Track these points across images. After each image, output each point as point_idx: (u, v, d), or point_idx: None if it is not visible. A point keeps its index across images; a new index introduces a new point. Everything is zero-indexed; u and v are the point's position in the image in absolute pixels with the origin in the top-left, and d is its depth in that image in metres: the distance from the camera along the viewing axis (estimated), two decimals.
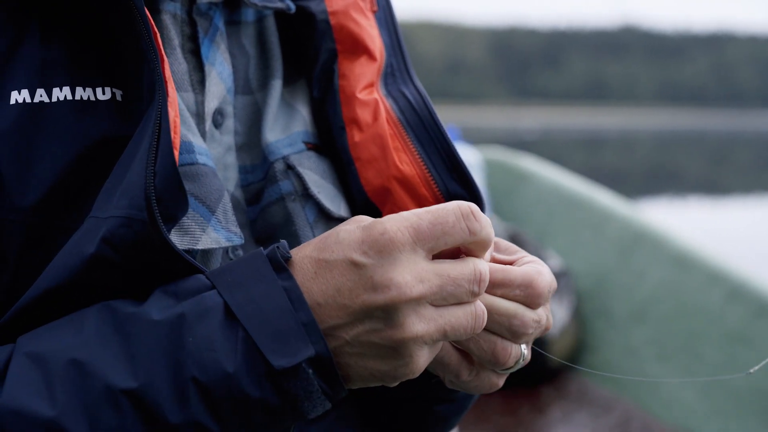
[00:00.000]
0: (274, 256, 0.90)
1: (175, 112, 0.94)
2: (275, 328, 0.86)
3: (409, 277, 0.87)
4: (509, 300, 0.96)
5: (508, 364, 0.98)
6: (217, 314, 0.87)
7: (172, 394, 0.85)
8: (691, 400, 4.09)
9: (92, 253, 0.89)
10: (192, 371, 0.85)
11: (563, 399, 4.49)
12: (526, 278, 0.96)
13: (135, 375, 0.85)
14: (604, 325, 4.73)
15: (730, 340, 4.07)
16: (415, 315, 0.87)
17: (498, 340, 0.97)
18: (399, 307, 0.86)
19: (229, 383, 0.85)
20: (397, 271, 0.87)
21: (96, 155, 0.97)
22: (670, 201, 22.89)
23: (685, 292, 4.38)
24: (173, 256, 0.90)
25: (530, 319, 0.97)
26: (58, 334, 0.89)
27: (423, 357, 0.90)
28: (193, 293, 0.90)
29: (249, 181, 1.14)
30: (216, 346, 0.85)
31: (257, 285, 0.88)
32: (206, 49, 1.11)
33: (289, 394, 0.87)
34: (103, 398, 0.84)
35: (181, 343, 0.86)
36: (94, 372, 0.85)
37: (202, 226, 1.02)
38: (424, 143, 1.14)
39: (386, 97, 1.17)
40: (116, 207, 0.89)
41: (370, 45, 1.18)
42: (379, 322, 0.87)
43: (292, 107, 1.20)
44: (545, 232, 5.31)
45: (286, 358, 0.85)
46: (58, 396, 0.84)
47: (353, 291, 0.87)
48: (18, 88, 0.95)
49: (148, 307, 0.89)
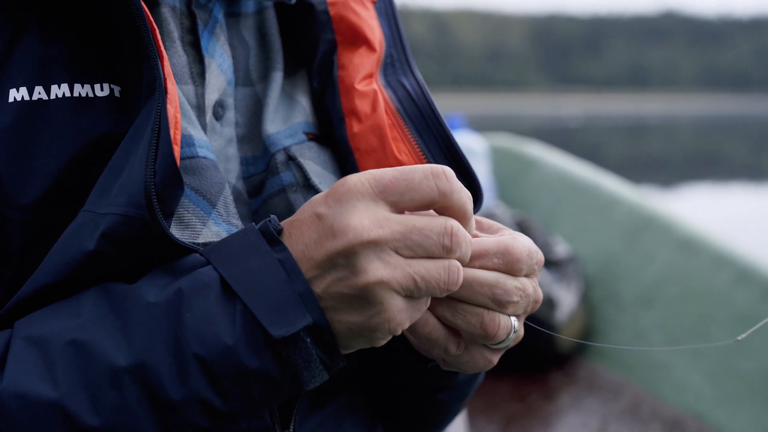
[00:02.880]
0: (267, 230, 0.90)
1: (175, 108, 0.94)
2: (272, 299, 0.87)
3: (366, 222, 0.87)
4: (489, 270, 0.96)
5: (499, 336, 0.98)
6: (214, 288, 0.88)
7: (174, 370, 0.85)
8: (701, 384, 4.06)
9: (92, 249, 0.89)
10: (192, 346, 0.86)
11: (572, 385, 4.47)
12: (501, 245, 0.96)
13: (135, 353, 0.86)
14: (613, 309, 4.71)
15: (739, 323, 4.03)
16: (377, 260, 0.87)
17: (484, 312, 0.96)
18: (358, 251, 0.87)
19: (229, 356, 0.86)
20: (354, 216, 0.87)
21: (95, 152, 0.97)
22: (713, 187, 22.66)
23: (693, 276, 4.35)
24: (176, 251, 0.91)
25: (512, 287, 0.96)
26: (55, 316, 0.89)
27: (396, 306, 0.89)
28: (188, 270, 0.91)
29: (251, 172, 1.14)
30: (214, 319, 0.86)
31: (252, 258, 0.89)
32: (206, 41, 1.11)
33: (289, 363, 0.87)
34: (104, 378, 0.85)
35: (180, 318, 0.86)
36: (94, 352, 0.86)
37: (203, 219, 1.02)
38: (423, 133, 1.14)
39: (385, 87, 1.17)
40: (113, 204, 0.90)
41: (369, 36, 1.19)
42: (344, 270, 0.87)
43: (292, 98, 1.20)
44: (552, 219, 5.29)
45: (284, 328, 0.86)
46: (59, 377, 0.85)
47: (318, 242, 0.88)
48: (16, 86, 0.96)
49: (145, 285, 0.89)
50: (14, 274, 0.96)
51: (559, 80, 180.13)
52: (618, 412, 4.16)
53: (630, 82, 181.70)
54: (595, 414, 4.17)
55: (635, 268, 4.68)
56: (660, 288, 4.51)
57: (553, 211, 5.35)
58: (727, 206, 16.84)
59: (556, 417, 4.24)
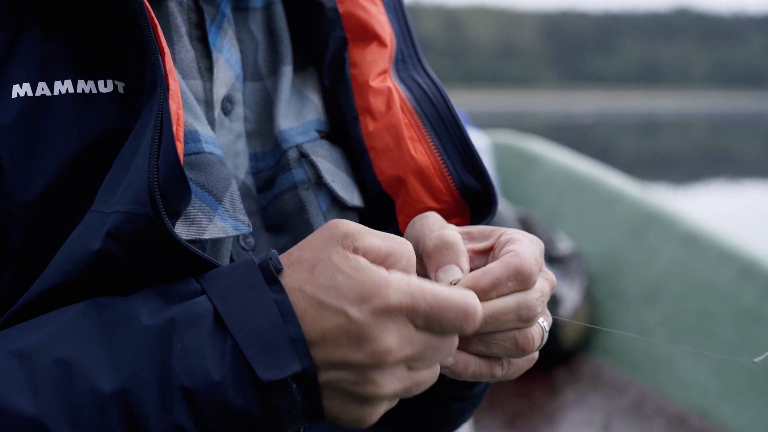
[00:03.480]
0: (267, 267, 0.89)
1: (177, 104, 0.93)
2: (264, 340, 0.86)
3: (394, 343, 0.86)
4: (507, 296, 0.96)
5: (536, 346, 0.98)
6: (207, 321, 0.87)
7: (158, 398, 0.84)
8: (705, 381, 4.06)
9: (97, 248, 0.88)
10: (179, 377, 0.85)
11: (577, 381, 4.47)
12: (511, 268, 0.95)
13: (121, 377, 0.85)
14: (617, 306, 4.71)
15: (743, 319, 4.03)
16: (390, 375, 0.88)
17: (516, 333, 0.97)
18: (378, 367, 0.87)
19: (214, 391, 0.85)
20: (385, 335, 0.86)
21: (98, 148, 0.97)
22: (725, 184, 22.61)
23: (697, 272, 4.34)
24: (180, 250, 0.90)
25: (534, 299, 0.96)
26: (43, 330, 0.88)
27: (382, 410, 0.91)
28: (183, 297, 0.89)
29: (260, 168, 1.13)
30: (204, 353, 0.85)
31: (248, 294, 0.88)
32: (213, 36, 1.11)
33: (272, 406, 0.87)
34: (87, 399, 0.84)
35: (170, 347, 0.86)
36: (79, 372, 0.85)
37: (209, 215, 1.01)
38: (440, 134, 1.13)
39: (399, 84, 1.16)
40: (119, 202, 0.89)
41: (379, 31, 1.18)
42: (356, 375, 0.87)
43: (303, 95, 1.20)
44: (555, 215, 5.28)
45: (273, 371, 0.85)
46: (42, 394, 0.84)
47: (337, 342, 0.87)
48: (19, 82, 0.95)
49: (138, 306, 0.88)
50: (15, 272, 0.96)
51: (571, 77, 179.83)
52: (622, 409, 4.16)
53: (642, 79, 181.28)
54: (599, 410, 4.17)
55: (639, 264, 4.67)
56: (664, 284, 4.50)
57: (557, 208, 5.34)
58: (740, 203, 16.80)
59: (560, 413, 4.24)
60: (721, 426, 3.90)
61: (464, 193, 1.12)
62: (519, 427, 4.07)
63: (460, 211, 1.13)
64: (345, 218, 1.14)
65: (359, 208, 1.18)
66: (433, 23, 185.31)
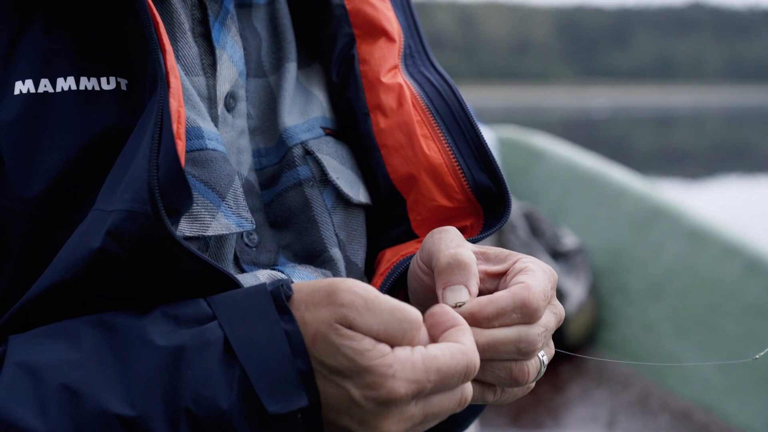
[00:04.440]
0: (278, 295, 0.89)
1: (178, 102, 0.92)
2: (273, 372, 0.86)
3: (396, 426, 0.87)
4: (509, 327, 0.95)
5: (530, 380, 0.98)
6: (217, 348, 0.86)
7: (166, 425, 0.84)
8: (709, 376, 4.05)
9: (98, 247, 0.88)
10: (186, 403, 0.84)
11: (582, 377, 4.47)
12: (518, 300, 0.94)
13: (131, 402, 0.84)
14: (622, 301, 4.70)
15: (749, 314, 4.02)
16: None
17: (512, 364, 0.96)
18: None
19: (221, 419, 0.85)
20: (387, 422, 0.87)
21: (101, 146, 0.96)
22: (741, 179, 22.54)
23: (703, 267, 4.33)
24: (179, 249, 0.89)
25: (535, 335, 0.95)
26: (53, 347, 0.88)
27: None
28: (193, 321, 0.89)
29: (263, 164, 1.13)
30: (212, 381, 0.85)
31: (259, 323, 0.87)
32: (217, 32, 1.10)
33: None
34: (96, 422, 0.84)
35: (179, 374, 0.85)
36: (89, 394, 0.84)
37: (212, 212, 1.01)
38: (453, 132, 1.13)
39: (410, 80, 1.16)
40: (120, 200, 0.88)
41: (387, 27, 1.18)
42: (354, 423, 0.87)
43: (308, 91, 1.20)
44: (560, 210, 5.28)
45: (280, 404, 0.85)
46: (50, 414, 0.84)
47: (340, 412, 0.87)
48: (22, 79, 0.95)
49: (149, 332, 0.88)
50: (15, 269, 0.96)
51: (586, 72, 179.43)
52: (627, 404, 4.16)
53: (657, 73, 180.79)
54: (604, 406, 4.17)
55: (644, 259, 4.67)
56: (669, 279, 4.50)
57: (561, 203, 5.33)
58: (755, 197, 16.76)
59: (565, 409, 4.24)
60: (725, 421, 3.90)
61: (477, 192, 1.11)
62: (524, 422, 4.08)
63: (473, 211, 1.13)
64: (351, 215, 1.15)
65: (366, 205, 1.18)
66: (446, 19, 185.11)
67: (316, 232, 1.12)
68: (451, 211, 1.12)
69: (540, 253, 4.62)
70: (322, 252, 1.12)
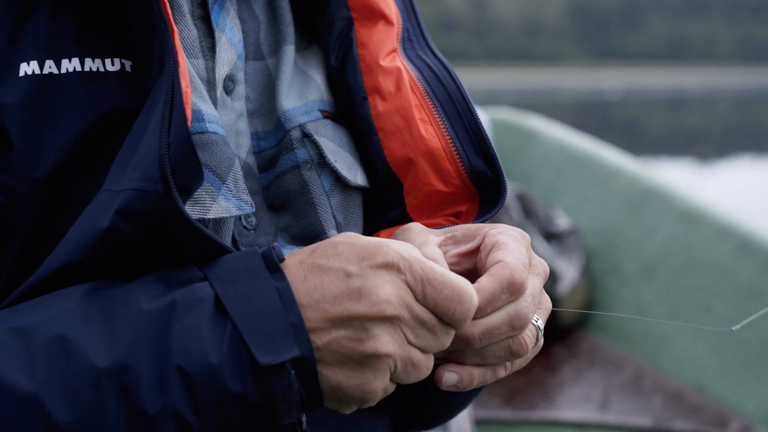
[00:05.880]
0: (269, 256, 0.90)
1: (186, 82, 0.92)
2: (264, 326, 0.86)
3: (393, 297, 0.88)
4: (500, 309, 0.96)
5: (530, 347, 0.99)
6: (208, 305, 0.87)
7: (155, 379, 0.85)
8: (703, 356, 4.05)
9: (106, 227, 0.89)
10: (176, 359, 0.85)
11: (575, 358, 4.46)
12: (504, 281, 0.95)
13: (118, 355, 0.85)
14: (614, 282, 4.69)
15: (741, 294, 4.02)
16: (389, 334, 0.88)
17: (509, 341, 0.98)
18: (378, 319, 0.88)
19: (212, 374, 0.85)
20: (385, 288, 0.88)
21: (106, 126, 0.97)
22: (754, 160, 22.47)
23: (695, 247, 4.32)
24: (189, 228, 0.90)
25: (524, 308, 0.97)
26: (44, 310, 0.89)
27: (384, 381, 0.90)
28: (185, 283, 0.90)
29: (262, 147, 1.14)
30: (203, 336, 0.86)
31: (250, 281, 0.89)
32: (216, 15, 1.11)
33: (269, 392, 0.87)
34: (83, 376, 0.84)
35: (169, 330, 0.86)
36: (76, 349, 0.85)
37: (213, 195, 1.01)
38: (451, 116, 1.13)
39: (408, 64, 1.16)
40: (130, 179, 0.89)
41: (385, 10, 1.18)
42: (357, 332, 0.88)
43: (306, 74, 1.20)
44: (553, 191, 5.26)
45: (271, 356, 0.86)
46: (38, 370, 0.84)
47: (337, 297, 0.88)
48: (27, 60, 0.96)
49: (138, 291, 0.89)
50: (20, 249, 0.96)
51: (597, 54, 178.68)
52: (620, 385, 4.15)
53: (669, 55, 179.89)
54: (597, 387, 4.16)
55: (637, 240, 4.66)
56: (661, 260, 4.49)
57: (554, 184, 5.32)
58: None
59: (559, 390, 4.23)
60: (718, 402, 3.89)
61: (473, 177, 1.12)
62: (517, 404, 4.07)
63: (468, 196, 1.13)
64: (349, 197, 1.17)
65: (363, 187, 1.18)
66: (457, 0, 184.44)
67: (314, 215, 1.13)
68: (447, 195, 1.13)
69: (533, 235, 4.61)
70: (320, 234, 1.13)
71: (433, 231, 1.04)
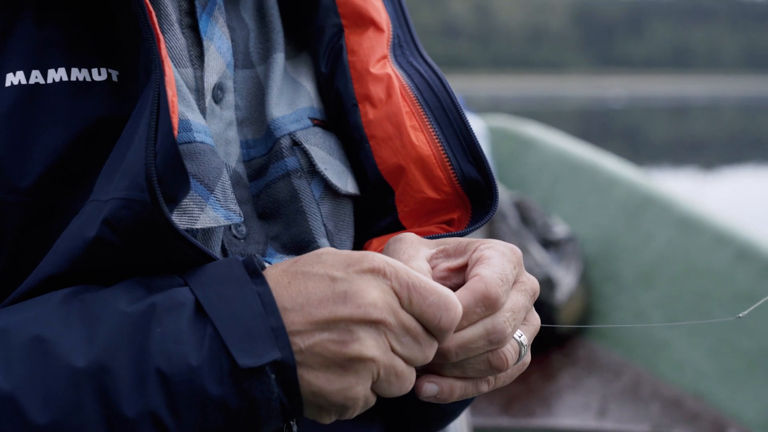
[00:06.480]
0: (250, 263, 0.90)
1: (172, 91, 0.92)
2: (244, 329, 0.86)
3: (379, 301, 0.88)
4: (475, 324, 0.95)
5: (511, 363, 0.98)
6: (188, 309, 0.87)
7: (133, 381, 0.84)
8: (701, 363, 4.04)
9: (93, 236, 0.88)
10: (156, 361, 0.84)
11: (573, 365, 4.45)
12: (477, 294, 0.95)
13: (97, 357, 0.84)
14: (612, 289, 4.68)
15: (739, 301, 4.01)
16: (373, 338, 0.88)
17: (488, 355, 0.97)
18: (363, 323, 0.87)
19: (191, 377, 0.84)
20: (372, 292, 0.88)
21: (93, 136, 0.97)
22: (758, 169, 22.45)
23: (693, 254, 4.32)
24: (176, 237, 0.89)
25: (502, 323, 0.96)
26: (24, 312, 0.89)
27: (363, 388, 0.89)
28: (165, 288, 0.90)
29: (251, 155, 1.13)
30: (183, 339, 0.85)
31: (230, 286, 0.88)
32: (204, 24, 1.11)
33: (248, 396, 0.86)
34: (61, 377, 0.84)
35: (149, 332, 0.85)
36: (55, 350, 0.84)
37: (200, 205, 1.01)
38: (442, 123, 1.13)
39: (399, 71, 1.16)
40: (116, 189, 0.89)
41: (375, 17, 1.18)
42: (341, 334, 0.87)
43: (296, 82, 1.20)
44: (551, 198, 5.26)
45: (251, 358, 0.85)
46: (15, 370, 0.84)
47: (322, 301, 0.87)
48: (13, 70, 0.96)
49: (119, 294, 0.89)
50: (8, 259, 0.96)
51: (601, 61, 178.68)
52: (618, 392, 4.14)
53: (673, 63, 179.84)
54: (595, 394, 4.15)
55: (635, 247, 4.65)
56: (660, 267, 4.48)
57: (552, 191, 5.32)
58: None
59: (557, 397, 4.22)
60: (717, 408, 3.88)
61: (465, 185, 1.12)
62: (515, 411, 4.07)
63: (460, 203, 1.13)
64: (339, 205, 1.16)
65: (354, 195, 1.18)
66: (461, 7, 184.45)
67: (305, 223, 1.13)
68: (439, 203, 1.13)
69: (531, 242, 4.61)
70: (311, 243, 1.12)
71: (426, 242, 1.04)
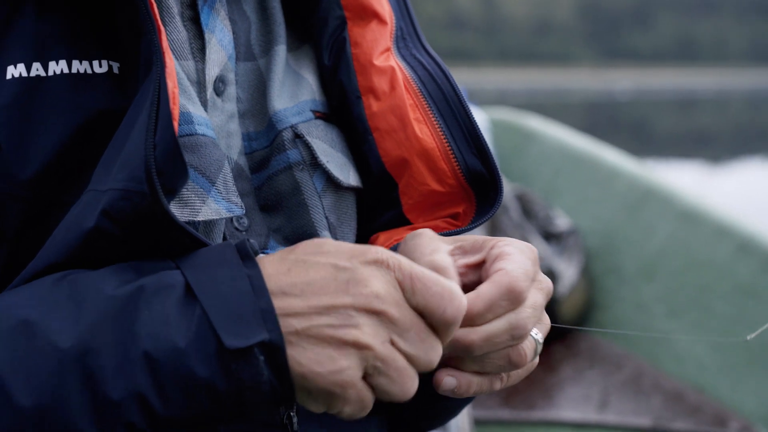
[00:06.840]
0: (243, 246, 0.89)
1: (173, 83, 0.92)
2: (232, 310, 0.85)
3: (383, 291, 0.86)
4: (500, 317, 0.95)
5: (529, 359, 0.99)
6: (177, 291, 0.86)
7: (119, 361, 0.84)
8: (702, 356, 4.04)
9: (92, 226, 0.88)
10: (143, 343, 0.84)
11: (574, 357, 4.45)
12: (503, 288, 0.95)
13: (83, 339, 0.84)
14: (614, 282, 4.68)
15: (740, 294, 4.01)
16: (372, 327, 0.86)
17: (509, 350, 0.97)
18: (364, 311, 0.86)
19: (178, 358, 0.84)
20: (373, 282, 0.87)
21: (94, 128, 0.97)
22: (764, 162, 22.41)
23: (695, 247, 4.31)
24: (174, 228, 0.89)
25: (525, 318, 0.96)
26: (13, 296, 0.89)
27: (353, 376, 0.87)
28: (155, 271, 0.89)
29: (253, 148, 1.13)
30: (171, 320, 0.85)
31: (221, 269, 0.88)
32: (206, 16, 1.10)
33: (236, 378, 0.85)
34: (47, 359, 0.84)
35: (136, 314, 0.85)
36: (41, 332, 0.84)
37: (202, 197, 1.01)
38: (445, 116, 1.13)
39: (402, 63, 1.16)
40: (115, 179, 0.89)
41: (378, 9, 1.18)
42: (340, 318, 0.86)
43: (298, 74, 1.19)
44: (552, 191, 5.25)
45: (239, 339, 0.84)
46: (1, 352, 0.84)
47: (323, 288, 0.86)
48: (14, 63, 0.96)
49: (108, 277, 0.88)
50: (9, 252, 0.97)
51: (608, 54, 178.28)
52: (619, 384, 4.15)
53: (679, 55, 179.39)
54: (596, 386, 4.16)
55: (636, 240, 4.65)
56: (661, 260, 4.48)
57: (554, 184, 5.31)
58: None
59: (558, 389, 4.23)
60: (718, 401, 3.89)
61: (469, 177, 1.12)
62: (517, 403, 4.07)
63: (464, 197, 1.13)
64: (342, 198, 1.16)
65: (356, 188, 1.18)
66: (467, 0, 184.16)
67: (306, 216, 1.12)
68: (443, 195, 1.13)
69: (532, 235, 4.61)
70: (312, 235, 1.12)
71: (443, 239, 1.03)
